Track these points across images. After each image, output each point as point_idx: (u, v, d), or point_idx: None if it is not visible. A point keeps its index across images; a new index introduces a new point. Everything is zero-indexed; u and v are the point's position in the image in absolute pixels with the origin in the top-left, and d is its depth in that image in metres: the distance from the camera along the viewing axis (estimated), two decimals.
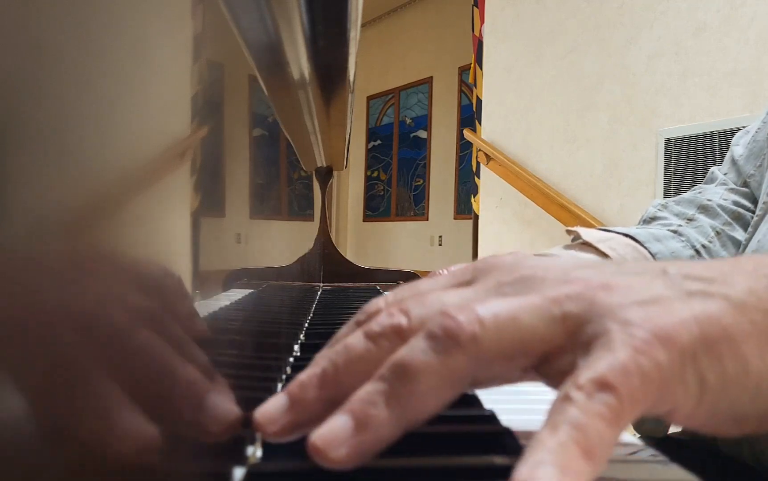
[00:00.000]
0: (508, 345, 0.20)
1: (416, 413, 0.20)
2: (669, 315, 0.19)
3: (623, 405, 0.18)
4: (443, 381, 0.20)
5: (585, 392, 0.18)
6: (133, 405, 0.15)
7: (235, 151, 0.32)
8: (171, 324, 0.19)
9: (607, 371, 0.18)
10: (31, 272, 0.11)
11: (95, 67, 0.13)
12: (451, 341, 0.20)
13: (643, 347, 0.18)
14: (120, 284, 0.15)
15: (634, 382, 0.18)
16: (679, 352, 0.19)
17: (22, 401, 0.10)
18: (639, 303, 0.20)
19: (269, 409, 0.22)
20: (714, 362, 0.19)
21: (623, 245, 0.52)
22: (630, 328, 0.19)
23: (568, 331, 0.20)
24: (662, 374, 0.18)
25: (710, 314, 0.20)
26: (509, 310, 0.20)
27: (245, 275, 0.35)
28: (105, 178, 0.14)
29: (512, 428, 0.26)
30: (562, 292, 0.21)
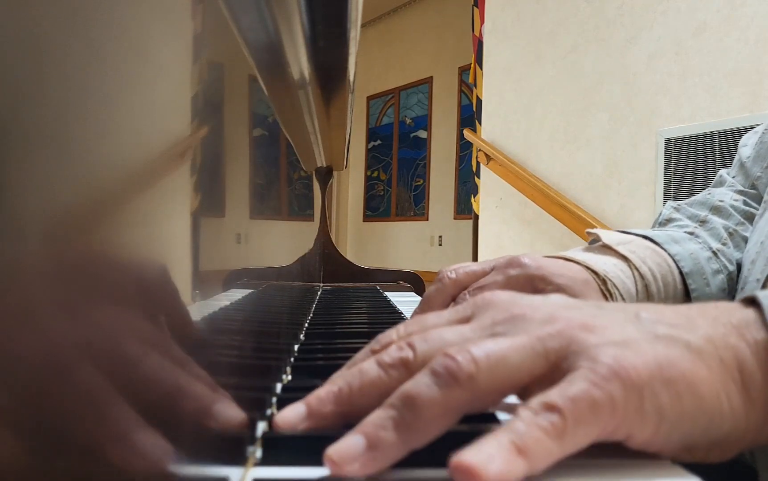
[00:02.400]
0: (499, 382, 0.24)
1: (420, 437, 0.23)
2: (634, 356, 0.23)
3: (566, 424, 0.21)
4: (444, 411, 0.23)
5: (531, 410, 0.22)
6: (130, 406, 0.15)
7: (235, 151, 0.32)
8: (170, 326, 0.19)
9: (556, 397, 0.22)
10: (31, 271, 0.11)
11: (95, 68, 0.13)
12: (451, 378, 0.23)
13: (600, 382, 0.22)
14: (120, 284, 0.15)
15: (581, 407, 0.21)
16: (637, 388, 0.22)
17: (21, 401, 0.10)
18: (610, 344, 0.23)
19: (289, 415, 0.26)
20: (673, 399, 0.23)
21: (642, 248, 0.52)
22: (595, 365, 0.22)
23: (549, 363, 0.24)
24: (615, 405, 0.22)
25: (671, 357, 0.23)
26: (500, 351, 0.24)
27: (245, 275, 0.35)
28: (105, 178, 0.14)
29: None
30: (546, 331, 0.25)
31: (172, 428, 0.19)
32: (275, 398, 0.32)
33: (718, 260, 0.54)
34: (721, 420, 0.23)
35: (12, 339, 0.10)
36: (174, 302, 0.20)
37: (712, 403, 0.23)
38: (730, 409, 0.23)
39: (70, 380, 0.12)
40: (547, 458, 0.21)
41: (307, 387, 0.36)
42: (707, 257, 0.53)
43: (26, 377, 0.10)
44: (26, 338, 0.10)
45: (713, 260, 0.53)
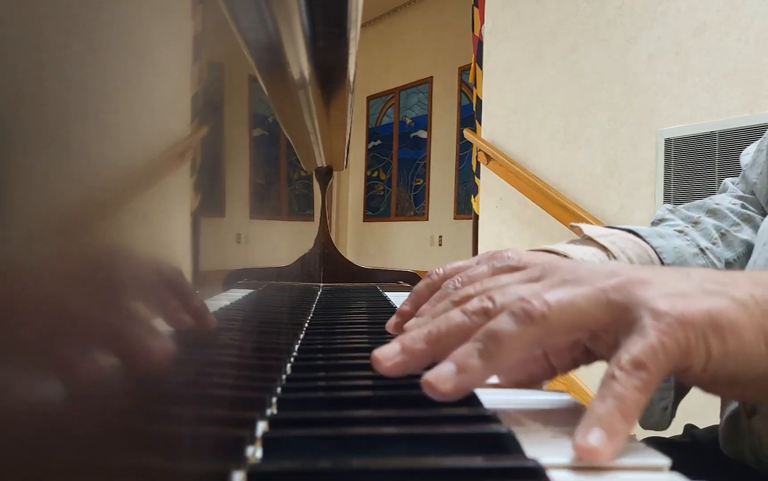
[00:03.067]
0: (567, 322, 0.28)
1: (499, 365, 0.28)
2: (689, 305, 0.27)
3: (652, 376, 0.25)
4: (520, 344, 0.28)
5: (625, 371, 0.25)
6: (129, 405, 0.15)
7: (235, 151, 0.32)
8: (171, 324, 0.19)
9: (641, 353, 0.26)
10: (31, 271, 0.11)
11: (95, 68, 0.13)
12: (528, 317, 0.28)
13: (668, 330, 0.26)
14: (120, 284, 0.15)
15: (660, 358, 0.26)
16: (694, 331, 0.26)
17: (22, 401, 0.10)
18: (667, 296, 0.27)
19: (386, 350, 0.31)
20: (719, 341, 0.27)
21: (624, 240, 0.53)
22: (659, 315, 0.26)
23: (612, 314, 0.28)
24: (680, 347, 0.26)
25: (719, 307, 0.27)
26: (569, 296, 0.28)
27: (245, 275, 0.35)
28: (105, 178, 0.14)
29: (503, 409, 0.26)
30: (609, 284, 0.28)
31: (173, 428, 0.19)
32: (275, 397, 0.32)
33: (706, 257, 0.55)
34: (758, 360, 0.27)
35: (12, 339, 0.10)
36: (174, 301, 0.20)
37: (752, 346, 0.27)
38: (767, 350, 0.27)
39: (70, 380, 0.12)
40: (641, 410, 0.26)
41: (307, 387, 0.36)
42: (693, 253, 0.54)
43: (26, 378, 0.10)
44: (26, 338, 0.10)
45: (700, 257, 0.54)
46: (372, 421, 0.28)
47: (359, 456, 0.24)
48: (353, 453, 0.25)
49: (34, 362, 0.11)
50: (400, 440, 0.26)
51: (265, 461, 0.25)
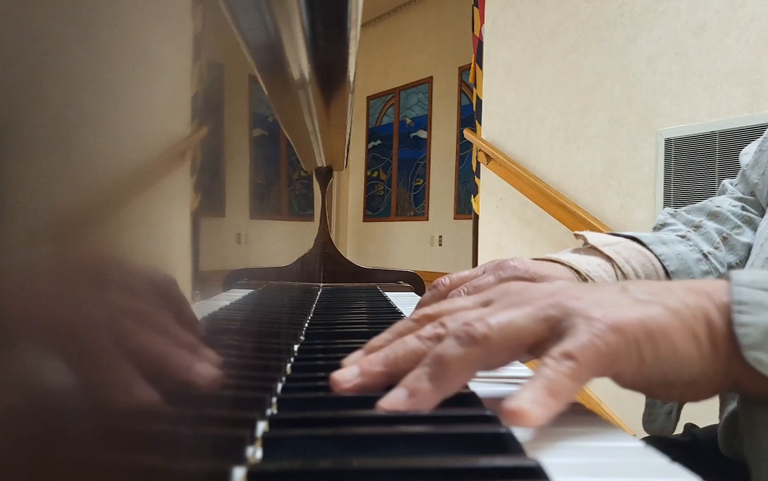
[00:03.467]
0: (509, 340, 0.30)
1: (448, 387, 0.30)
2: (620, 314, 0.29)
3: (581, 368, 0.27)
4: (466, 365, 0.30)
5: (555, 359, 0.28)
6: (128, 404, 0.15)
7: (235, 151, 0.32)
8: (169, 324, 0.19)
9: (570, 347, 0.28)
10: (31, 271, 0.11)
11: (95, 68, 0.13)
12: (470, 339, 0.30)
13: (599, 333, 0.28)
14: (120, 284, 0.15)
15: (589, 354, 0.28)
16: (625, 338, 0.28)
17: (23, 401, 0.10)
18: (600, 306, 0.29)
19: (344, 373, 0.33)
20: (650, 346, 0.28)
21: (628, 249, 0.53)
22: (591, 321, 0.29)
23: (550, 326, 0.30)
24: (610, 351, 0.28)
25: (651, 314, 0.29)
26: (509, 317, 0.30)
27: (245, 275, 0.35)
28: (105, 178, 0.14)
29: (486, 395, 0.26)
30: (546, 302, 0.31)
31: (173, 428, 0.19)
32: (275, 398, 0.32)
33: (709, 263, 0.55)
34: (691, 364, 0.29)
35: (12, 339, 0.10)
36: (174, 301, 0.20)
37: (684, 349, 0.29)
38: (699, 355, 0.29)
39: (70, 380, 0.12)
40: (570, 396, 0.27)
41: (307, 387, 0.36)
42: (696, 259, 0.55)
43: (26, 378, 0.10)
44: (26, 338, 0.10)
45: (703, 262, 0.55)
46: (372, 421, 0.28)
47: (359, 456, 0.24)
48: (353, 453, 0.25)
49: (34, 362, 0.11)
50: (400, 440, 0.26)
51: (265, 461, 0.25)
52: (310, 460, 0.23)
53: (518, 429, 0.27)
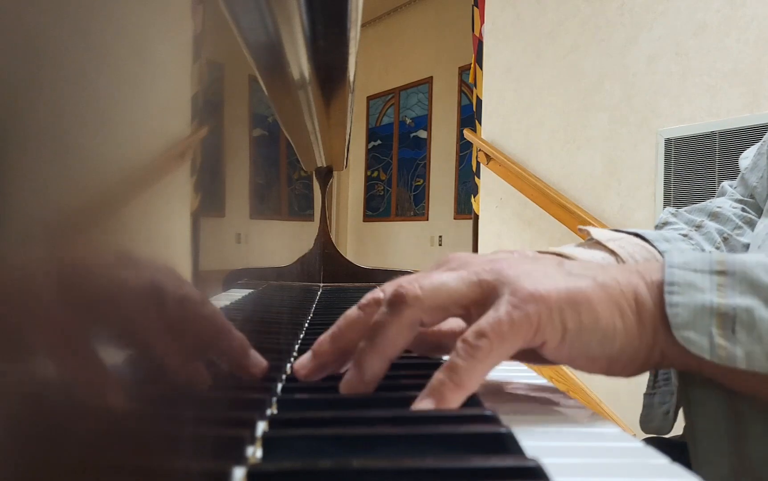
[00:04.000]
0: (440, 300, 0.31)
1: (391, 350, 0.31)
2: (547, 284, 0.30)
3: (492, 344, 0.29)
4: (401, 327, 0.31)
5: (466, 343, 0.29)
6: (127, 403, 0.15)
7: (235, 151, 0.32)
8: (169, 323, 0.19)
9: (485, 324, 0.29)
10: (31, 271, 0.11)
11: (95, 67, 0.13)
12: (401, 302, 0.31)
13: (519, 304, 0.29)
14: (120, 284, 0.15)
15: (504, 329, 0.29)
16: (547, 307, 0.29)
17: (19, 401, 0.10)
18: (530, 276, 0.30)
19: (301, 360, 0.35)
20: (574, 315, 0.30)
21: (632, 244, 0.54)
22: (516, 291, 0.30)
23: (483, 292, 0.31)
24: (530, 321, 0.29)
25: (578, 285, 0.30)
26: (442, 279, 0.32)
27: (245, 275, 0.35)
28: (105, 179, 0.14)
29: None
30: (482, 267, 0.32)
31: (174, 428, 0.19)
32: (275, 398, 0.32)
33: None
34: (614, 335, 0.30)
35: (12, 338, 0.10)
36: (174, 300, 0.20)
37: (607, 321, 0.30)
38: (624, 328, 0.30)
39: (70, 380, 0.12)
40: (479, 377, 0.29)
41: (307, 387, 0.36)
42: None
43: (26, 378, 0.10)
44: (26, 338, 0.10)
45: None
46: (372, 421, 0.28)
47: (359, 456, 0.24)
48: (353, 453, 0.25)
49: (34, 362, 0.11)
50: (400, 440, 0.26)
51: (265, 461, 0.25)
52: (310, 460, 0.23)
53: (518, 429, 0.27)
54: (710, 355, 0.29)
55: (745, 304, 0.29)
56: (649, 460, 0.25)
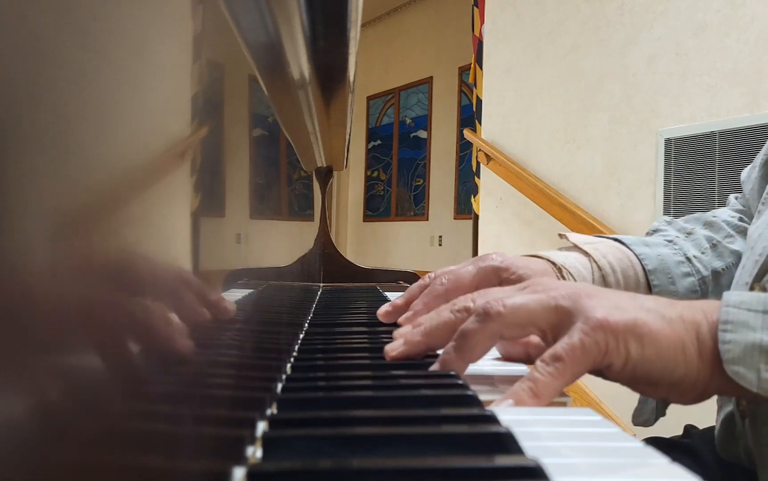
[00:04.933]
0: (519, 319, 0.36)
1: (470, 355, 0.37)
2: (617, 315, 0.33)
3: (566, 366, 0.33)
4: (483, 337, 0.36)
5: (544, 362, 0.33)
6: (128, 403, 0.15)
7: (235, 151, 0.32)
8: (170, 322, 0.19)
9: (560, 349, 0.33)
10: (31, 271, 0.11)
11: (95, 67, 0.13)
12: (486, 316, 0.36)
13: (590, 332, 0.33)
14: (120, 284, 0.15)
15: (577, 353, 0.33)
16: (615, 336, 0.33)
17: (19, 401, 0.10)
18: (604, 307, 0.34)
19: (392, 344, 0.41)
20: (637, 345, 0.33)
21: (607, 246, 0.57)
22: (588, 320, 0.33)
23: (559, 316, 0.35)
24: (599, 347, 0.33)
25: (645, 319, 0.34)
26: (524, 300, 0.36)
27: (245, 275, 0.35)
28: (105, 178, 0.14)
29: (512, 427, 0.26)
30: (561, 293, 0.36)
31: (174, 428, 0.19)
32: (275, 397, 0.32)
33: (691, 265, 0.58)
34: (674, 366, 0.33)
35: (11, 338, 0.10)
36: (174, 300, 0.20)
37: (669, 354, 0.33)
38: (685, 361, 0.33)
39: (70, 380, 0.12)
40: (554, 393, 0.33)
41: (307, 387, 0.36)
42: (678, 261, 0.58)
43: (26, 378, 0.10)
44: (25, 338, 0.10)
45: (685, 265, 0.58)
46: (372, 421, 0.28)
47: (359, 456, 0.24)
48: (353, 453, 0.25)
49: (34, 362, 0.11)
50: (400, 440, 0.26)
51: (265, 461, 0.25)
52: (310, 460, 0.23)
53: (517, 430, 0.27)
54: (757, 388, 0.32)
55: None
56: (649, 460, 0.25)
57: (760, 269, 0.47)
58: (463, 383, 0.35)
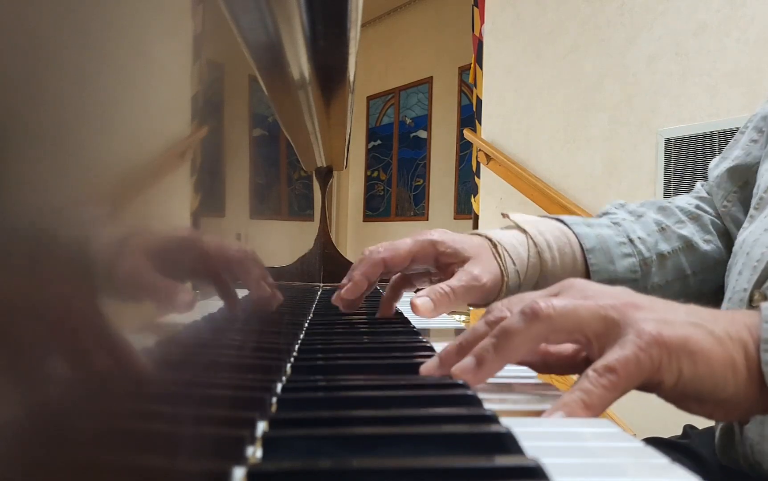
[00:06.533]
0: (567, 323, 0.34)
1: (510, 356, 0.34)
2: (670, 331, 0.32)
3: (620, 379, 0.31)
4: (527, 338, 0.34)
5: (597, 372, 0.32)
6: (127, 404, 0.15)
7: (235, 151, 0.32)
8: (169, 324, 0.19)
9: (614, 361, 0.31)
10: (31, 271, 0.11)
11: (96, 68, 0.13)
12: (534, 316, 0.34)
13: (645, 347, 0.31)
14: (120, 284, 0.15)
15: (631, 368, 0.31)
16: (668, 352, 0.32)
17: (19, 401, 0.10)
18: (654, 320, 0.32)
19: (428, 364, 0.38)
20: (690, 364, 0.32)
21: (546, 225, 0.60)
22: (641, 334, 0.32)
23: (606, 326, 0.33)
24: (653, 363, 0.32)
25: (696, 337, 0.32)
26: (573, 305, 0.34)
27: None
28: (105, 178, 0.14)
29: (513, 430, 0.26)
30: (608, 303, 0.34)
31: (174, 428, 0.19)
32: (275, 397, 0.32)
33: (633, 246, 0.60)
34: (725, 385, 0.32)
35: (12, 337, 0.10)
36: (174, 299, 0.20)
37: (720, 373, 0.32)
38: (734, 380, 0.33)
39: (70, 380, 0.12)
40: (605, 405, 0.31)
41: (307, 387, 0.36)
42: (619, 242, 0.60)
43: (26, 377, 0.10)
44: (25, 338, 0.10)
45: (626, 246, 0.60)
46: (372, 421, 0.28)
47: (359, 456, 0.24)
48: (353, 453, 0.25)
49: (34, 362, 0.11)
50: (400, 440, 0.26)
51: (265, 461, 0.25)
52: (310, 460, 0.23)
53: (518, 430, 0.27)
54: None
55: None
56: (649, 460, 0.25)
57: (761, 275, 0.47)
58: (463, 382, 0.35)
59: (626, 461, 0.25)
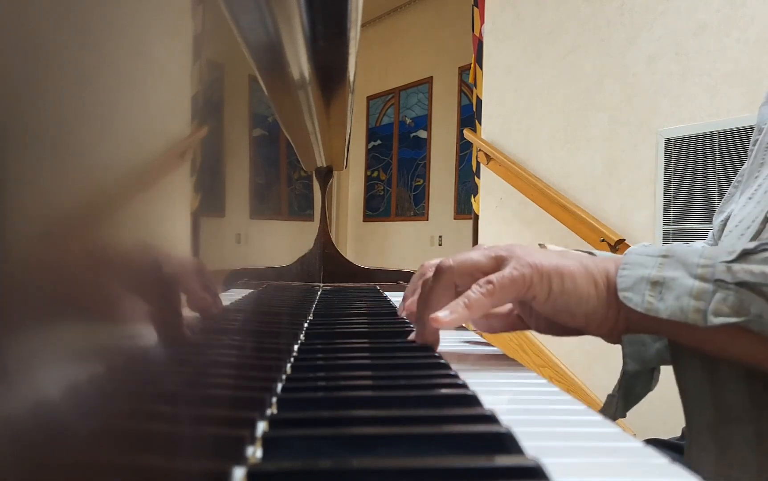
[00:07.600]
0: (466, 268, 0.45)
1: (435, 302, 0.45)
2: (543, 259, 0.42)
3: (495, 289, 0.42)
4: (441, 287, 0.45)
5: (478, 284, 0.43)
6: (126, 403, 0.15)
7: (235, 151, 0.32)
8: (169, 324, 0.19)
9: (492, 276, 0.43)
10: (31, 271, 0.11)
11: (96, 67, 0.13)
12: (439, 270, 0.45)
13: (518, 267, 0.42)
14: (119, 284, 0.15)
15: (505, 281, 0.42)
16: (539, 273, 0.42)
17: (19, 400, 0.10)
18: (532, 255, 0.43)
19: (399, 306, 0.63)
20: (558, 280, 0.42)
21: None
22: (518, 260, 0.43)
23: (497, 262, 0.44)
24: (525, 280, 0.42)
25: (566, 263, 0.43)
26: (469, 255, 0.45)
27: (245, 275, 0.35)
28: (105, 178, 0.14)
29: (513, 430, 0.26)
30: (501, 247, 0.45)
31: (174, 428, 0.19)
32: (275, 397, 0.32)
33: None
34: (588, 299, 0.42)
35: (12, 337, 0.10)
36: (173, 300, 0.20)
37: (583, 288, 0.42)
38: (596, 295, 0.42)
39: (70, 380, 0.12)
40: (483, 309, 0.42)
41: (307, 387, 0.36)
42: None
43: (26, 377, 0.10)
44: (26, 337, 0.10)
45: None
46: (372, 421, 0.28)
47: (359, 456, 0.24)
48: (353, 453, 0.25)
49: (34, 361, 0.11)
50: (400, 440, 0.26)
51: (265, 461, 0.25)
52: (310, 460, 0.23)
53: (519, 430, 0.27)
54: (641, 308, 0.39)
55: (673, 274, 0.39)
56: (649, 460, 0.25)
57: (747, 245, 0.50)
58: (463, 382, 0.35)
59: (626, 461, 0.25)
